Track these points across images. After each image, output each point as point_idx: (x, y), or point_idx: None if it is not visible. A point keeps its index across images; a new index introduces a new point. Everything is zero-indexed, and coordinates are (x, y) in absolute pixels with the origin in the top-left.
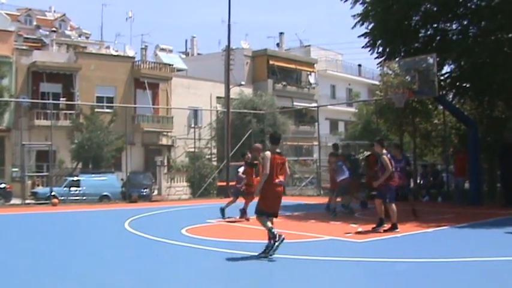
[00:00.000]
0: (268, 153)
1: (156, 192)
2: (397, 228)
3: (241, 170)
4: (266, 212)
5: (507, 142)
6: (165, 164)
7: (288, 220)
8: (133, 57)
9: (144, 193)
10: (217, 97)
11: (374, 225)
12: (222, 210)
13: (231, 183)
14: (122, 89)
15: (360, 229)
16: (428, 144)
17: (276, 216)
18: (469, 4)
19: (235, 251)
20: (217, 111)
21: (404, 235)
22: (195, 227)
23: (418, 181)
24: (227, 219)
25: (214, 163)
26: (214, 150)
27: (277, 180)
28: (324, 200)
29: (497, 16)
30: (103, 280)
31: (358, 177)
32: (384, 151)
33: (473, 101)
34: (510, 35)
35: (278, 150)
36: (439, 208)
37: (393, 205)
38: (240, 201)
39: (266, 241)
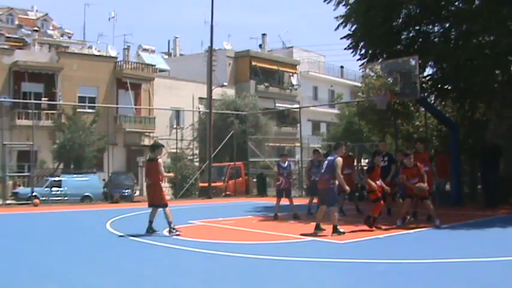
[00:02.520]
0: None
1: (138, 192)
2: (339, 232)
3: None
4: None
5: (488, 144)
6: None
7: (269, 221)
8: (115, 58)
9: (126, 194)
10: (200, 98)
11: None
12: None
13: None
14: (104, 89)
15: (341, 230)
16: (409, 145)
17: None
18: (450, 7)
19: (218, 251)
20: (199, 112)
21: (386, 236)
22: (177, 228)
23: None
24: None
25: (197, 164)
26: (197, 151)
27: None
28: (306, 201)
29: (478, 19)
30: (83, 281)
31: None
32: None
33: (455, 103)
34: (491, 38)
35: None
36: (420, 209)
37: (334, 209)
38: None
39: (249, 242)
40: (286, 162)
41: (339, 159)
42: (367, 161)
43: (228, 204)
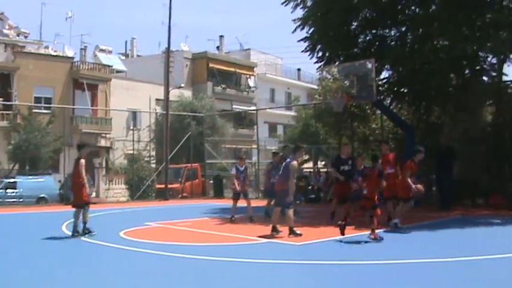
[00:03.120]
0: None
1: (94, 194)
2: (295, 233)
3: None
4: None
5: (443, 146)
6: (104, 166)
7: (226, 223)
8: (72, 58)
9: None
10: (157, 99)
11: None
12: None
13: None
14: (61, 89)
15: (298, 232)
16: (366, 148)
17: None
18: (407, 11)
19: (174, 253)
20: (156, 113)
21: (343, 237)
22: (133, 230)
23: None
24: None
25: (153, 165)
26: (153, 153)
27: None
28: (263, 202)
29: (434, 23)
30: (37, 284)
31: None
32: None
33: (411, 106)
34: (446, 42)
35: None
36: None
37: (290, 211)
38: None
39: (206, 243)
40: (244, 165)
41: (294, 163)
42: (323, 163)
43: (185, 206)
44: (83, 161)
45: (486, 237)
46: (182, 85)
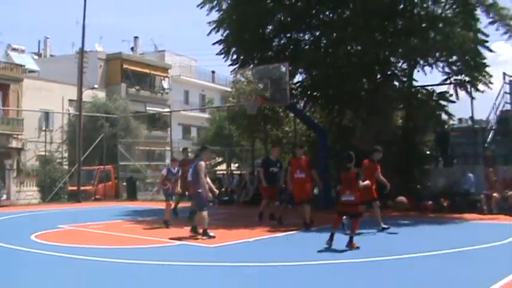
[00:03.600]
0: None
1: (4, 196)
2: (209, 235)
3: None
4: None
5: (355, 150)
6: (15, 167)
7: (140, 225)
8: None
9: None
10: (70, 100)
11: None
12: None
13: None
14: None
15: (211, 234)
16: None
17: None
18: (321, 16)
19: (87, 256)
20: (69, 114)
21: (256, 239)
22: (45, 233)
23: None
24: None
25: (66, 167)
26: (66, 154)
27: None
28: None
29: (348, 28)
30: None
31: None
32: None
33: (324, 109)
34: (359, 47)
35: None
36: (289, 212)
37: (203, 213)
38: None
39: (119, 246)
40: (176, 168)
41: (201, 164)
42: (237, 165)
43: (98, 208)
44: None
45: (395, 238)
46: (96, 86)
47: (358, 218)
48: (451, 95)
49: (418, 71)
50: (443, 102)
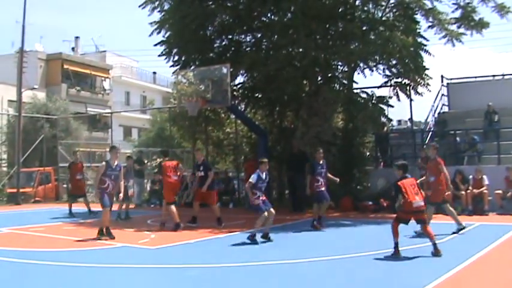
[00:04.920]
0: None
1: None
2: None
3: None
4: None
5: (294, 151)
6: None
7: (81, 227)
8: None
9: None
10: (9, 100)
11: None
12: None
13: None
14: None
15: (152, 235)
16: (220, 152)
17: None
18: (263, 18)
19: (27, 260)
20: (8, 115)
21: (198, 241)
22: None
23: None
24: None
25: (5, 169)
26: (5, 156)
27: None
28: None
29: (289, 31)
30: None
31: None
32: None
33: (265, 111)
34: (300, 50)
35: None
36: (230, 214)
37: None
38: None
39: (59, 249)
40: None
41: (101, 165)
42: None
43: (38, 210)
44: None
45: (337, 238)
46: (36, 86)
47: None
48: (391, 98)
49: (359, 74)
50: (382, 106)
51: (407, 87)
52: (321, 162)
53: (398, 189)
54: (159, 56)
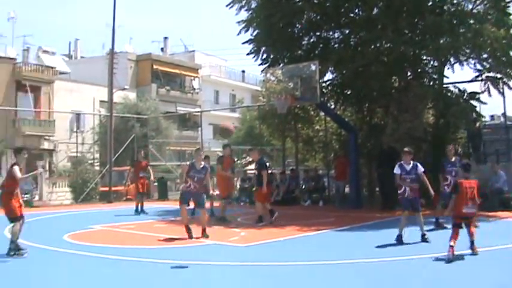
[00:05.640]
0: None
1: (37, 197)
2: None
3: None
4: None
5: (385, 148)
6: (47, 168)
7: (172, 225)
8: (14, 59)
9: (25, 198)
10: (101, 101)
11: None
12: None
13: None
14: (3, 91)
15: (242, 233)
16: (310, 149)
17: None
18: (350, 14)
19: (119, 256)
20: (100, 115)
21: (287, 239)
22: (77, 233)
23: (301, 186)
24: None
25: (97, 168)
26: (97, 155)
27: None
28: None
29: (376, 27)
30: None
31: None
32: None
33: (354, 107)
34: (387, 45)
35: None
36: (320, 212)
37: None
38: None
39: (150, 246)
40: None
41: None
42: (268, 164)
43: (129, 208)
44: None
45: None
46: (126, 87)
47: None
48: (483, 92)
49: (448, 68)
50: (474, 102)
51: (499, 82)
52: (453, 159)
53: (456, 188)
54: (247, 54)
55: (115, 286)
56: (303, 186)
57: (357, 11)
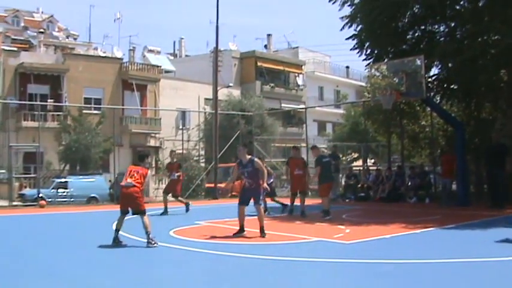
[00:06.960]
0: None
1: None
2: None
3: None
4: None
5: (494, 143)
6: (153, 165)
7: (275, 221)
8: (121, 59)
9: None
10: (205, 98)
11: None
12: None
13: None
14: (110, 90)
15: (347, 230)
16: (415, 145)
17: None
18: (456, 7)
19: (225, 252)
20: (205, 112)
21: (393, 236)
22: (183, 229)
23: (406, 182)
24: None
25: (203, 164)
26: (203, 152)
27: None
28: (312, 201)
29: (484, 19)
30: (91, 282)
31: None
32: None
33: (461, 102)
34: (496, 37)
35: None
36: (426, 209)
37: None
38: None
39: (255, 242)
40: None
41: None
42: (373, 161)
43: (234, 204)
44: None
45: None
46: (231, 84)
47: None
48: None
49: None
50: None
51: None
52: None
53: None
54: (351, 50)
55: (219, 281)
56: (409, 183)
57: (462, 2)
